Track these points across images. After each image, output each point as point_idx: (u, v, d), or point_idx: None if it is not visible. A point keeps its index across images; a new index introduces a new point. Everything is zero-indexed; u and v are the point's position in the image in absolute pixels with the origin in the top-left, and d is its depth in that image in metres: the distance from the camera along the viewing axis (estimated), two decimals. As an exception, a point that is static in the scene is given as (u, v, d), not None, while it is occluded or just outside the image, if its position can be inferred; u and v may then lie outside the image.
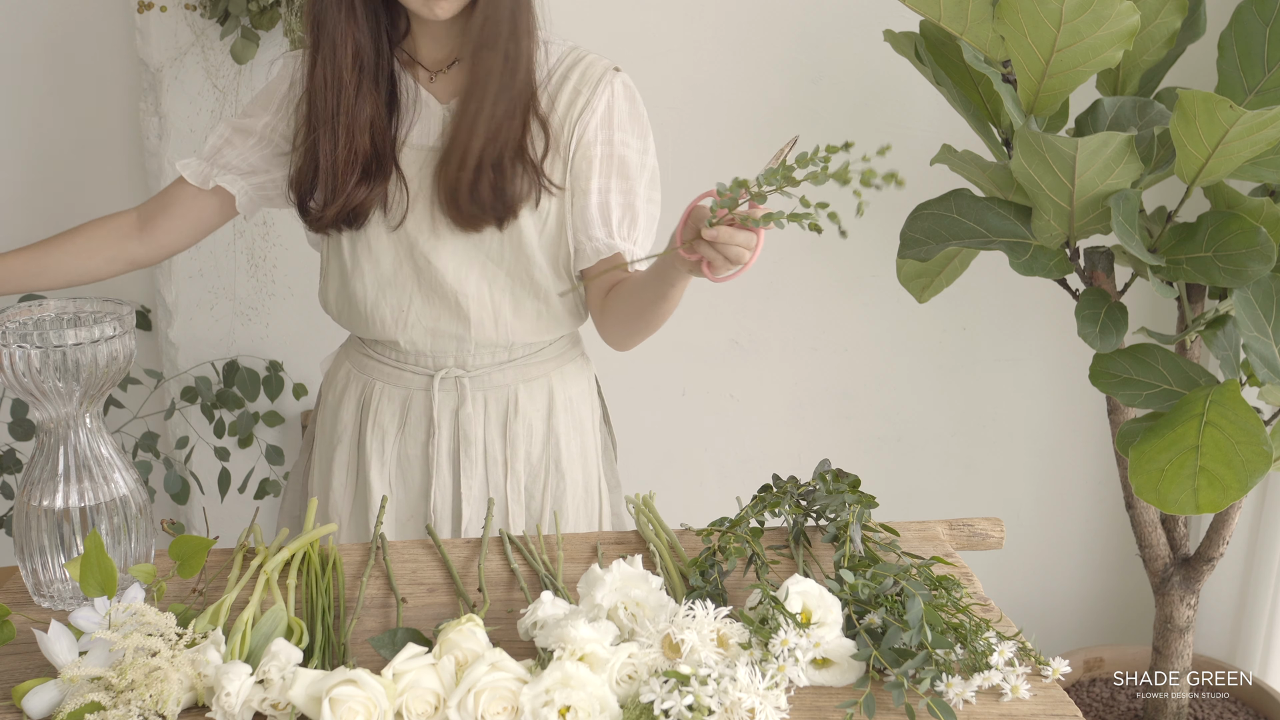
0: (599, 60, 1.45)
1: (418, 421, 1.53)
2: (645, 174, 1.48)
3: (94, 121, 2.25)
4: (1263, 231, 1.49)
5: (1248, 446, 1.43)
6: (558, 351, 1.57)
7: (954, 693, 1.01)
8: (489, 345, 1.50)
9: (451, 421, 1.52)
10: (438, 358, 1.51)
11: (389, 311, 1.48)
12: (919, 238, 1.72)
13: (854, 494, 1.26)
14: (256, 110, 1.51)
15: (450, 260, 1.45)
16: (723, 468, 2.38)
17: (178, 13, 2.08)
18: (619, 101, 1.45)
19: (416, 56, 1.46)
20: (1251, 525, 2.18)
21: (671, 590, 1.17)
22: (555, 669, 0.95)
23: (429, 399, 1.52)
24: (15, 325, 1.15)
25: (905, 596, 1.05)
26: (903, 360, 2.35)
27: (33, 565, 1.17)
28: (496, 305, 1.47)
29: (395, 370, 1.53)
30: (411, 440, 1.54)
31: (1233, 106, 1.38)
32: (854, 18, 2.12)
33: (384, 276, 1.47)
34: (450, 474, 1.54)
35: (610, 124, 1.45)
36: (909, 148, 2.17)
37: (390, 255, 1.46)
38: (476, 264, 1.46)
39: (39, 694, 0.99)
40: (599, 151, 1.44)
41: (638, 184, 1.47)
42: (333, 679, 0.95)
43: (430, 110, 1.45)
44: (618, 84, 1.45)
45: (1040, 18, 1.46)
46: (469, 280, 1.46)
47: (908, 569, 1.10)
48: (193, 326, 2.27)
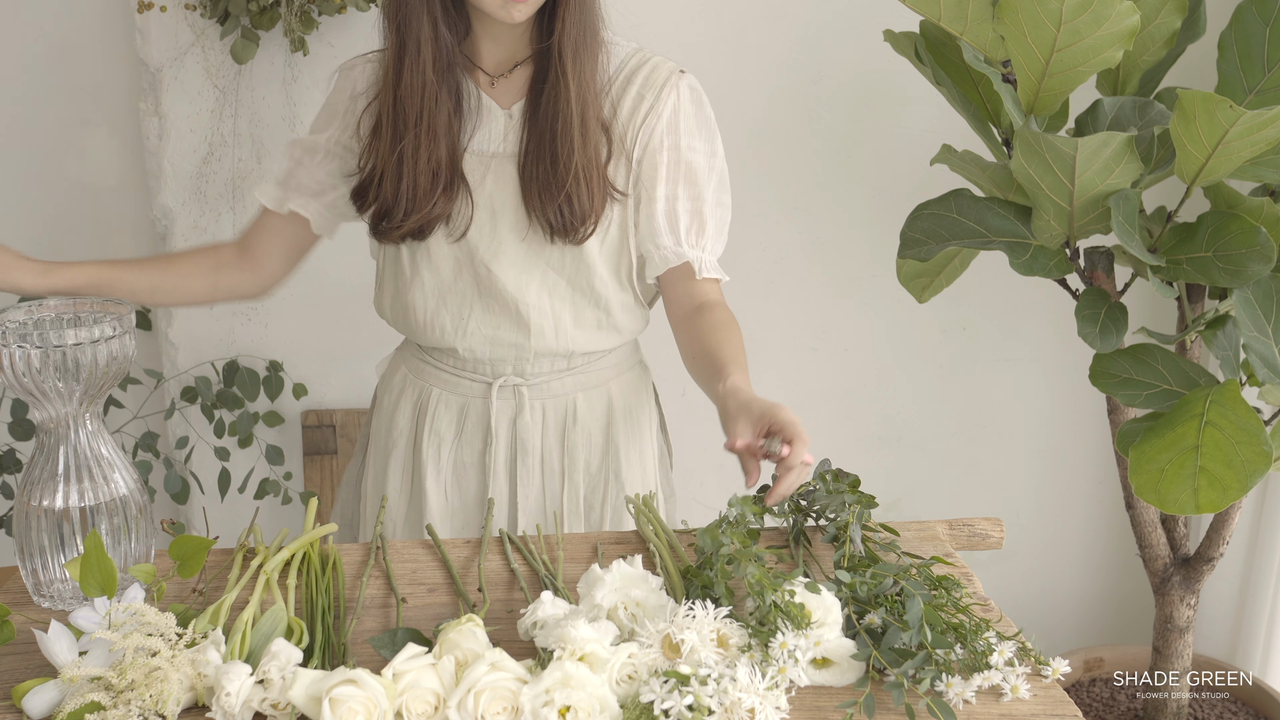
0: (664, 63, 1.43)
1: (474, 429, 1.51)
2: (714, 178, 1.46)
3: (94, 121, 2.24)
4: (1263, 231, 1.49)
5: (1248, 446, 1.43)
6: (616, 360, 1.54)
7: (954, 693, 1.01)
8: (548, 354, 1.48)
9: (509, 430, 1.50)
10: (496, 366, 1.49)
11: (448, 320, 1.46)
12: (919, 238, 1.72)
13: (854, 494, 1.25)
14: (320, 126, 1.49)
15: (511, 269, 1.42)
16: (723, 468, 2.38)
17: (178, 13, 2.08)
18: (685, 105, 1.43)
19: (477, 60, 1.42)
20: (1251, 525, 2.18)
21: (671, 590, 1.17)
22: (555, 669, 0.95)
23: (487, 407, 1.50)
24: (15, 325, 1.15)
25: (905, 596, 1.05)
26: (903, 360, 2.35)
27: (33, 565, 1.17)
28: (557, 314, 1.45)
29: (453, 377, 1.51)
30: (468, 448, 1.52)
31: (1233, 106, 1.38)
32: (854, 18, 2.12)
33: (444, 285, 1.45)
34: (506, 482, 1.52)
35: (676, 129, 1.42)
36: (909, 148, 2.17)
37: (450, 264, 1.44)
38: (537, 272, 1.43)
39: (39, 694, 0.99)
40: (665, 158, 1.42)
41: (705, 189, 1.45)
42: (333, 679, 0.95)
43: (492, 116, 1.42)
44: (683, 87, 1.42)
45: (1040, 18, 1.46)
46: (529, 289, 1.43)
47: (907, 569, 1.10)
48: (193, 326, 2.27)
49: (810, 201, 2.24)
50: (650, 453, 1.59)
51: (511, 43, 1.41)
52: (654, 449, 1.60)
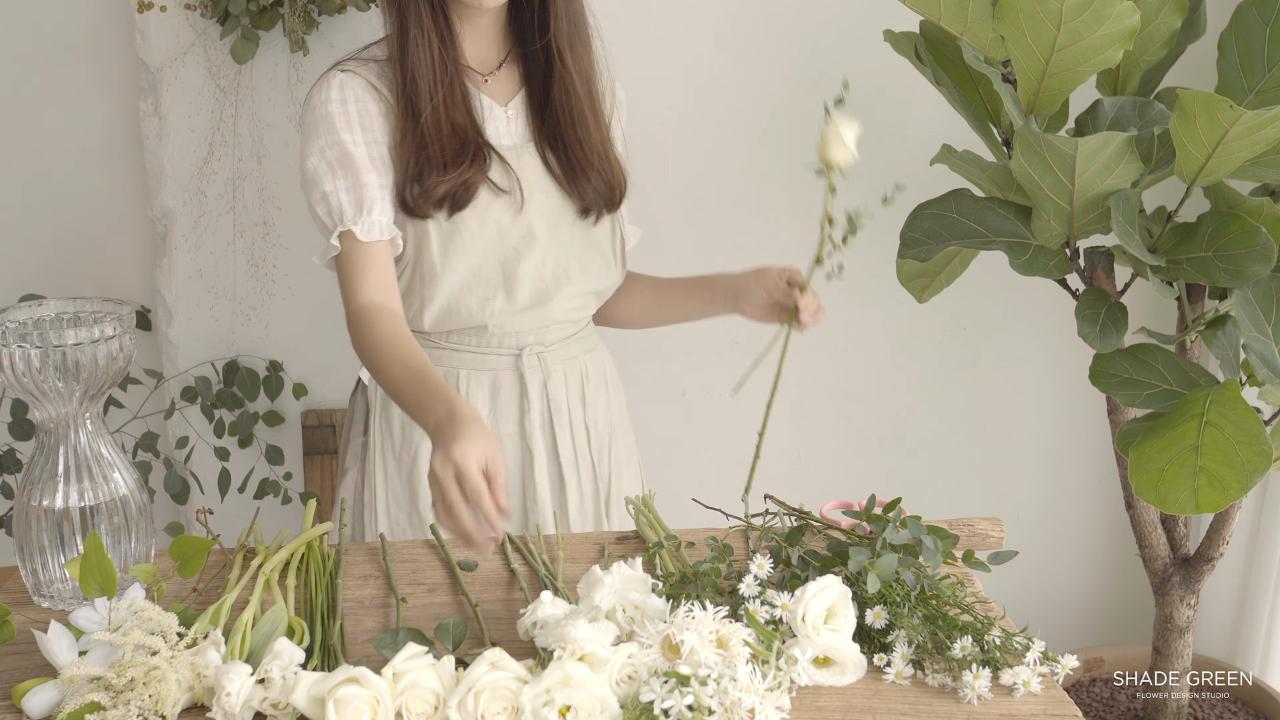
0: None
1: (509, 399, 1.56)
2: None
3: (94, 121, 2.24)
4: (1263, 231, 1.49)
5: (1248, 446, 1.43)
6: (593, 323, 1.69)
7: (969, 691, 1.01)
8: (568, 320, 1.58)
9: (541, 395, 1.57)
10: (521, 336, 1.55)
11: (474, 301, 1.50)
12: (919, 238, 1.72)
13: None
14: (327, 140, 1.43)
15: (541, 249, 1.50)
16: (723, 468, 2.38)
17: (178, 13, 2.08)
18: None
19: (465, 60, 1.49)
20: (1251, 525, 2.18)
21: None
22: (556, 669, 0.95)
23: (519, 376, 1.56)
24: (15, 325, 1.15)
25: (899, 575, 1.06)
26: (903, 360, 2.35)
27: (33, 565, 1.17)
28: (575, 284, 1.54)
29: (479, 355, 1.55)
30: (505, 420, 1.57)
31: (1233, 106, 1.38)
32: (854, 18, 2.12)
33: (474, 266, 1.48)
34: (544, 448, 1.58)
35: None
36: (909, 148, 2.17)
37: (480, 246, 1.48)
38: (558, 247, 1.52)
39: (39, 694, 0.99)
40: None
41: None
42: (334, 679, 0.95)
43: (494, 113, 1.50)
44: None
45: (1040, 18, 1.46)
46: (554, 262, 1.52)
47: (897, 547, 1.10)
48: (193, 326, 2.27)
49: (810, 202, 2.24)
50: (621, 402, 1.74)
51: (490, 39, 1.50)
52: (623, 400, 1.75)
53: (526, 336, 1.55)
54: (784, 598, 1.05)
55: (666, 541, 1.26)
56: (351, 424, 1.66)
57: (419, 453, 1.56)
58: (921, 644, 1.06)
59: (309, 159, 1.44)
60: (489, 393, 1.56)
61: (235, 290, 2.26)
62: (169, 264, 2.23)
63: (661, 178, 2.22)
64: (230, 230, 2.21)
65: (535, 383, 1.57)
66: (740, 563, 1.21)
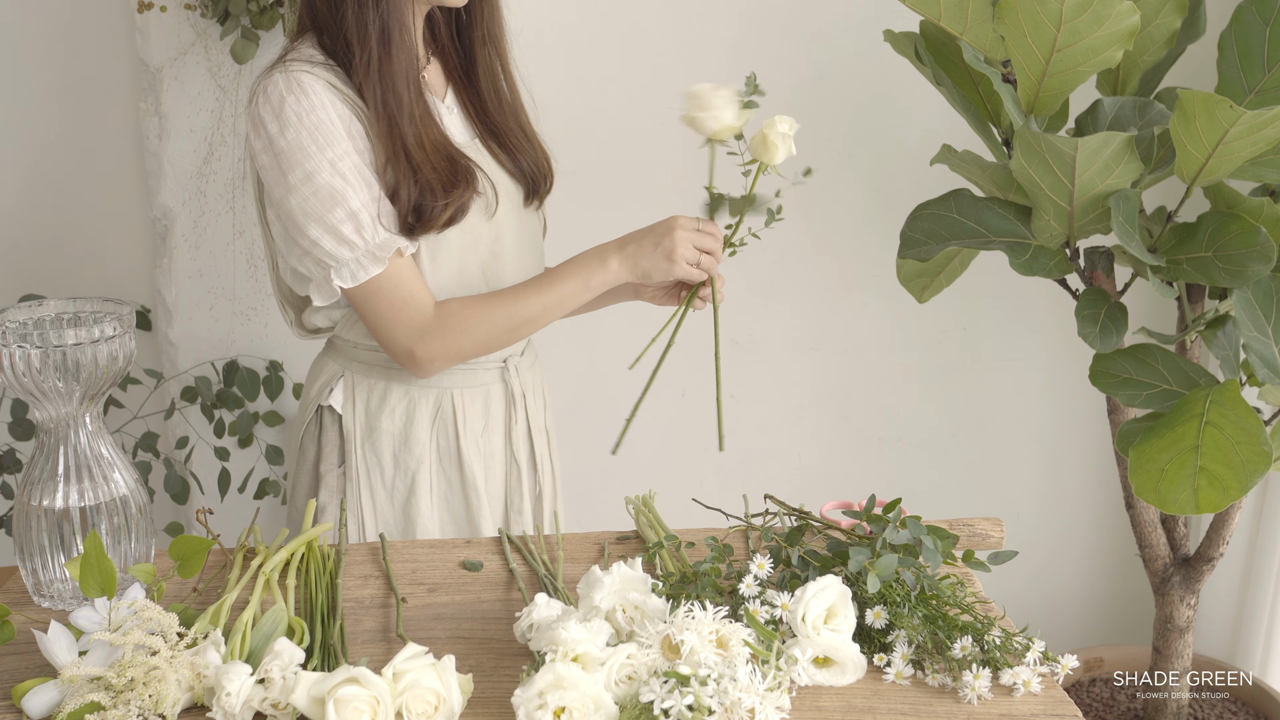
0: None
1: (498, 413, 1.56)
2: None
3: (94, 121, 2.24)
4: (1263, 231, 1.49)
5: (1248, 446, 1.43)
6: None
7: (969, 691, 1.01)
8: None
9: (522, 405, 1.59)
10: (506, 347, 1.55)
11: None
12: (919, 238, 1.72)
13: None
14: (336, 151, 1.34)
15: (510, 246, 1.50)
16: (723, 468, 2.38)
17: (178, 13, 2.08)
18: None
19: None
20: (1251, 525, 2.18)
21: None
22: (547, 671, 0.95)
23: (505, 388, 1.56)
24: (15, 325, 1.15)
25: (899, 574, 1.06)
26: (903, 360, 2.35)
27: (33, 565, 1.17)
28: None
29: (469, 371, 1.53)
30: (495, 434, 1.57)
31: (1233, 106, 1.38)
32: (854, 18, 2.12)
33: (459, 276, 1.45)
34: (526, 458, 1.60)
35: None
36: (909, 148, 2.17)
37: (462, 254, 1.45)
38: (523, 246, 1.53)
39: (39, 694, 0.99)
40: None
41: None
42: (334, 679, 0.95)
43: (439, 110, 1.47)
44: None
45: (1040, 18, 1.46)
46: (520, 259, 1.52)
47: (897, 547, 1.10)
48: (193, 326, 2.27)
49: (810, 202, 2.24)
50: None
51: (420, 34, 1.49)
52: None
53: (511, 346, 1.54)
54: (784, 598, 1.05)
55: (666, 541, 1.26)
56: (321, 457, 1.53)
57: (415, 480, 1.52)
58: (921, 644, 1.06)
59: (319, 174, 1.32)
60: (481, 409, 1.54)
61: (235, 290, 2.26)
62: (169, 264, 2.23)
63: (662, 177, 2.22)
64: (230, 230, 2.21)
65: (518, 392, 1.57)
66: (740, 563, 1.21)
